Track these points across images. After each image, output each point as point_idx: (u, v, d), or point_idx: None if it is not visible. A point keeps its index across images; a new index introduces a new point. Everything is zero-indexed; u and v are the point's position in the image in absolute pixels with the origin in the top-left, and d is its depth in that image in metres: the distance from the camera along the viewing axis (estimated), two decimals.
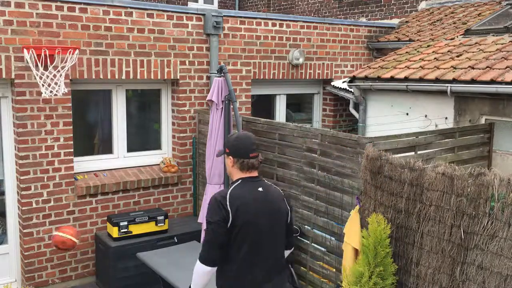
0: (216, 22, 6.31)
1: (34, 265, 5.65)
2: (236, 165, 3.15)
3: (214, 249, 2.99)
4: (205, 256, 3.01)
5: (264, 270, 3.08)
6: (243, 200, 3.03)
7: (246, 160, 3.12)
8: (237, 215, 2.97)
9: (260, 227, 3.06)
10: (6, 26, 5.12)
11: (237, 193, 3.05)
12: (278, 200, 3.25)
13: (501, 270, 3.27)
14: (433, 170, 3.65)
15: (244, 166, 3.13)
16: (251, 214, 3.03)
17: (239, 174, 3.17)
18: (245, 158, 3.12)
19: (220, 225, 2.96)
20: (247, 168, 3.14)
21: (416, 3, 9.69)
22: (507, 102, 5.41)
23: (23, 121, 5.36)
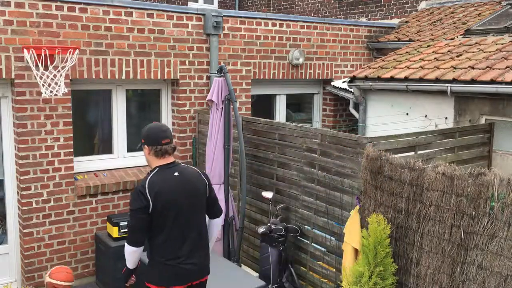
0: (216, 22, 6.31)
1: (34, 265, 5.64)
2: (151, 152, 3.44)
3: (137, 233, 3.36)
4: (130, 238, 3.40)
5: (190, 245, 3.44)
6: (160, 186, 3.35)
7: (159, 146, 3.40)
8: (156, 201, 3.30)
9: (180, 207, 3.39)
10: (6, 26, 5.12)
11: (154, 181, 3.36)
12: (194, 179, 3.54)
13: (501, 270, 3.27)
14: (433, 170, 3.65)
15: (158, 152, 3.41)
16: (170, 197, 3.35)
17: (156, 162, 3.46)
18: (158, 144, 3.40)
19: (141, 211, 3.30)
20: (161, 154, 3.42)
21: (416, 3, 9.68)
22: (507, 102, 5.41)
23: (23, 121, 5.36)
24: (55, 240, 5.72)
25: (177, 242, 3.40)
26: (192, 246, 3.45)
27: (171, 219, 3.37)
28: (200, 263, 3.52)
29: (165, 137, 3.45)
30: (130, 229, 3.44)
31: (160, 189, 3.34)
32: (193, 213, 3.48)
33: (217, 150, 5.50)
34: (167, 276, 3.41)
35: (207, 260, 3.61)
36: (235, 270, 4.81)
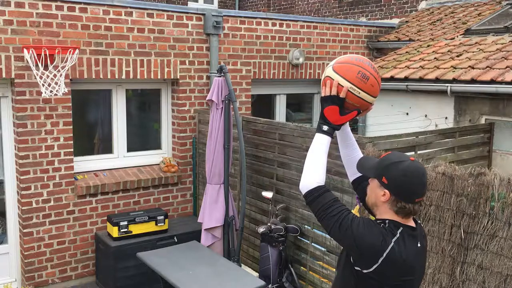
0: (216, 22, 6.30)
1: (34, 265, 5.64)
2: (392, 205, 2.31)
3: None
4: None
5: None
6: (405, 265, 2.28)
7: (409, 205, 2.29)
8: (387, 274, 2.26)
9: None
10: (6, 26, 5.12)
11: (398, 249, 2.24)
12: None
13: (501, 270, 3.27)
14: (433, 170, 3.65)
15: (403, 211, 2.31)
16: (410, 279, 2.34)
17: (391, 216, 2.34)
18: (408, 202, 2.29)
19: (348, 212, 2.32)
20: (404, 214, 2.32)
21: (416, 3, 9.68)
22: (507, 102, 5.41)
23: (23, 121, 5.36)
24: (55, 240, 5.71)
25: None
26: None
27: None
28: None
29: (422, 194, 2.32)
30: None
31: (400, 264, 2.26)
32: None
33: (217, 150, 5.50)
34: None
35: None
36: (235, 270, 4.81)
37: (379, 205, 2.36)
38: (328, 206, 2.32)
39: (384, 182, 2.30)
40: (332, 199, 2.36)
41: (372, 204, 2.41)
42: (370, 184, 2.41)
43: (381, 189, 2.32)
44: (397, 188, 2.28)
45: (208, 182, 5.58)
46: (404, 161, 2.31)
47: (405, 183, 2.27)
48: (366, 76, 2.35)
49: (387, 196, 2.30)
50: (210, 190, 5.55)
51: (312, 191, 2.38)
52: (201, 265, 4.79)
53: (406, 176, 2.27)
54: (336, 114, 2.48)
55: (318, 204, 2.35)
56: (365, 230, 2.24)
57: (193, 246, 5.33)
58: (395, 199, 2.29)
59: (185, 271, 4.62)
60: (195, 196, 6.64)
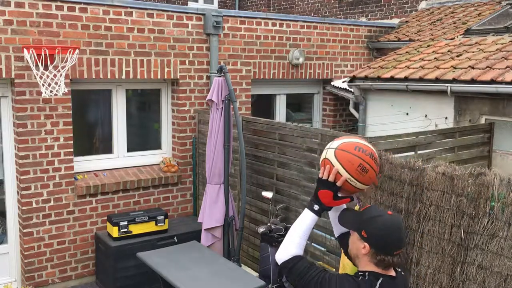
0: (216, 22, 6.31)
1: (34, 265, 5.64)
2: (372, 258, 2.37)
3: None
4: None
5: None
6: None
7: (388, 258, 2.34)
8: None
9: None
10: (6, 26, 5.12)
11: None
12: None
13: (501, 270, 3.27)
14: (433, 170, 3.65)
15: (382, 264, 2.36)
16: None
17: (371, 268, 2.39)
18: (387, 255, 2.34)
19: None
20: (384, 267, 2.37)
21: (416, 3, 9.68)
22: (507, 102, 5.41)
23: (23, 121, 5.36)
24: (55, 240, 5.72)
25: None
26: None
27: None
28: None
29: (400, 247, 2.38)
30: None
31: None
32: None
33: (217, 150, 5.50)
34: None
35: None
36: (235, 270, 4.81)
37: (360, 257, 2.44)
38: (304, 273, 2.47)
39: (364, 235, 2.39)
40: (306, 266, 2.50)
41: (354, 256, 2.50)
42: (351, 237, 2.50)
43: (361, 242, 2.40)
44: (376, 242, 2.36)
45: (208, 182, 5.58)
46: (382, 215, 2.41)
47: (383, 237, 2.35)
48: (366, 169, 2.45)
49: (367, 249, 2.38)
50: (210, 190, 5.55)
51: (287, 262, 2.55)
52: (201, 265, 4.79)
53: (384, 230, 2.36)
54: (329, 198, 2.57)
55: (295, 273, 2.51)
56: (343, 285, 2.35)
57: (193, 246, 5.32)
58: (375, 252, 2.36)
59: (185, 271, 4.62)
60: (195, 196, 6.64)
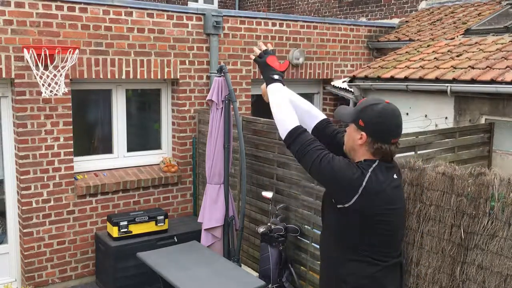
0: (216, 22, 6.30)
1: (34, 265, 5.64)
2: (368, 147, 2.38)
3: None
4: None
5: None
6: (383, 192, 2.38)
7: (385, 146, 2.36)
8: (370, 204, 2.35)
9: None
10: (6, 26, 5.12)
11: (374, 184, 2.33)
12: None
13: (501, 270, 3.27)
14: (433, 170, 3.65)
15: (379, 152, 2.37)
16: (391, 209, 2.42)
17: (368, 157, 2.40)
18: (384, 143, 2.36)
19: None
20: (381, 155, 2.38)
21: (416, 3, 9.68)
22: (507, 102, 5.41)
23: (23, 121, 5.36)
24: (55, 240, 5.71)
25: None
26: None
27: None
28: None
29: (397, 134, 2.42)
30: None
31: (378, 194, 2.39)
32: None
33: (217, 150, 5.50)
34: None
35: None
36: (235, 270, 4.81)
37: (356, 149, 2.43)
38: (308, 143, 2.42)
39: (361, 124, 2.38)
40: (311, 138, 2.44)
41: (350, 148, 2.48)
42: (348, 130, 2.49)
43: (357, 132, 2.39)
44: (373, 129, 2.35)
45: (208, 182, 5.58)
46: (379, 103, 2.40)
47: (380, 123, 2.35)
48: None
49: (364, 138, 2.37)
50: (210, 190, 5.55)
51: (292, 132, 2.48)
52: (201, 265, 4.79)
53: (381, 117, 2.36)
54: (276, 61, 2.67)
55: (298, 143, 2.44)
56: (343, 165, 2.34)
57: (193, 246, 5.32)
58: (372, 140, 2.36)
59: (185, 271, 4.62)
60: (195, 196, 6.64)
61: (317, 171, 2.38)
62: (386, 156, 2.39)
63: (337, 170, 2.32)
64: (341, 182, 2.32)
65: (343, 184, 2.32)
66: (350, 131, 2.45)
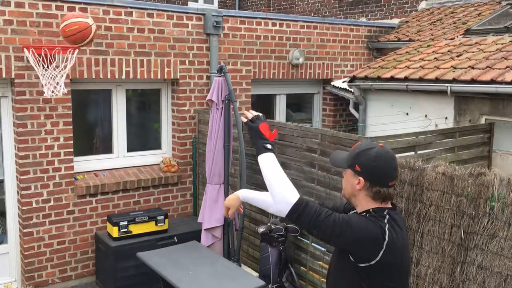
0: (216, 22, 6.31)
1: (34, 265, 5.64)
2: (367, 192, 2.38)
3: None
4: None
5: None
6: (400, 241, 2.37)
7: (384, 190, 2.36)
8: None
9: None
10: (6, 26, 5.12)
11: (394, 234, 2.32)
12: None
13: (501, 270, 3.27)
14: (433, 170, 3.65)
15: (379, 196, 2.38)
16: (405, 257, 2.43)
17: (372, 203, 2.40)
18: (383, 186, 2.36)
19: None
20: (381, 199, 2.39)
21: (416, 3, 9.68)
22: (507, 102, 5.41)
23: (23, 121, 5.36)
24: (55, 240, 5.72)
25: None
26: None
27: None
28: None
29: (394, 177, 2.41)
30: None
31: (398, 248, 2.36)
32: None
33: (217, 150, 5.50)
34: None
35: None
36: (235, 270, 4.81)
37: (356, 194, 2.43)
38: (318, 213, 2.33)
39: (357, 169, 2.38)
40: (318, 206, 2.38)
41: (350, 194, 2.47)
42: (345, 176, 2.48)
43: (355, 177, 2.39)
44: (370, 173, 2.36)
45: (208, 182, 5.58)
46: (374, 147, 2.41)
47: (376, 167, 2.36)
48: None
49: (362, 183, 2.37)
50: (210, 190, 5.55)
51: (296, 206, 2.35)
52: (201, 265, 4.79)
53: (377, 160, 2.36)
54: (268, 130, 2.60)
55: (308, 216, 2.34)
56: (361, 224, 2.31)
57: (193, 246, 5.33)
58: (370, 185, 2.36)
59: (185, 271, 4.62)
60: (195, 196, 6.64)
61: (338, 237, 2.31)
62: (386, 199, 2.41)
63: (357, 232, 2.28)
64: (364, 243, 2.29)
65: (365, 244, 2.30)
66: (348, 176, 2.45)
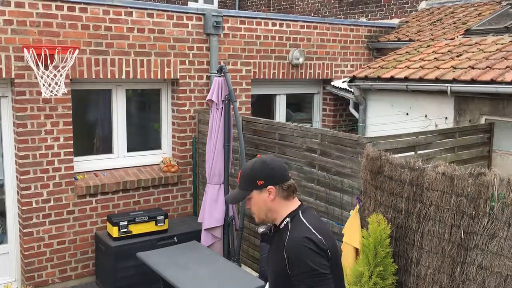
0: (216, 22, 6.31)
1: (34, 265, 5.64)
2: (279, 193, 2.45)
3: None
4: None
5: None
6: (326, 232, 2.45)
7: (288, 182, 2.48)
8: (332, 252, 2.38)
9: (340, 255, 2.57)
10: (6, 26, 5.12)
11: (318, 227, 2.41)
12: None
13: (501, 270, 3.27)
14: (433, 170, 3.65)
15: (289, 190, 2.48)
16: (335, 243, 2.48)
17: (286, 206, 2.48)
18: (286, 180, 2.48)
19: (328, 273, 2.31)
20: (291, 192, 2.50)
21: (416, 3, 9.68)
22: (507, 102, 5.41)
23: (23, 121, 5.36)
24: (55, 240, 5.72)
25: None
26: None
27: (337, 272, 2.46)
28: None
29: (287, 169, 2.56)
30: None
31: (328, 234, 2.44)
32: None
33: (217, 150, 5.50)
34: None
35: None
36: (235, 270, 4.81)
37: (271, 206, 2.46)
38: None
39: (261, 183, 2.43)
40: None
41: (266, 213, 2.51)
42: (252, 201, 2.49)
43: (264, 191, 2.44)
44: (272, 176, 2.44)
45: (208, 182, 5.58)
46: (256, 161, 2.51)
47: (272, 169, 2.45)
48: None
49: (272, 190, 2.44)
50: (210, 190, 5.55)
51: None
52: (201, 265, 4.79)
53: (267, 165, 2.46)
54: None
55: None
56: (312, 259, 2.28)
57: (193, 246, 5.32)
58: (279, 186, 2.44)
59: (185, 271, 4.62)
60: (195, 196, 6.64)
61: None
62: (295, 190, 2.51)
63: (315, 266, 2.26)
64: (321, 261, 2.30)
65: (323, 259, 2.31)
66: (256, 198, 2.46)
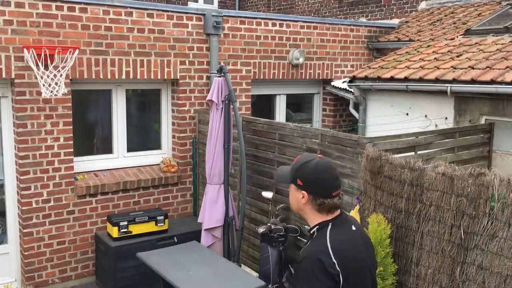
0: (216, 22, 6.31)
1: (34, 265, 5.64)
2: (312, 205, 2.33)
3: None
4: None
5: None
6: (348, 249, 2.28)
7: (328, 200, 2.31)
8: (348, 273, 2.20)
9: (372, 277, 2.41)
10: (6, 26, 5.12)
11: (337, 241, 2.25)
12: (367, 236, 2.57)
13: (501, 270, 3.27)
14: (433, 170, 3.65)
15: (325, 208, 2.32)
16: (361, 265, 2.33)
17: (319, 216, 2.35)
18: (327, 198, 2.31)
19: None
20: (327, 210, 2.33)
21: (416, 3, 9.68)
22: (507, 102, 5.41)
23: (23, 121, 5.36)
24: (55, 240, 5.72)
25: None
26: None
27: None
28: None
29: (337, 186, 2.35)
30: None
31: (348, 257, 2.25)
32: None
33: (217, 150, 5.50)
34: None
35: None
36: (235, 270, 4.81)
37: (303, 208, 2.39)
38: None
39: (299, 184, 2.35)
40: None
41: (297, 210, 2.46)
42: (290, 191, 2.45)
43: (299, 192, 2.36)
44: (312, 185, 2.33)
45: (208, 182, 5.58)
46: (312, 159, 2.37)
47: (317, 179, 2.33)
48: None
49: (306, 197, 2.34)
50: (210, 190, 5.55)
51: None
52: (201, 265, 4.79)
53: (317, 173, 2.33)
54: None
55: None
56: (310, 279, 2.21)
57: (193, 246, 5.32)
58: (314, 197, 2.33)
59: (185, 271, 4.61)
60: (195, 196, 6.64)
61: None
62: (331, 210, 2.35)
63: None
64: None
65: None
66: (292, 191, 2.42)
